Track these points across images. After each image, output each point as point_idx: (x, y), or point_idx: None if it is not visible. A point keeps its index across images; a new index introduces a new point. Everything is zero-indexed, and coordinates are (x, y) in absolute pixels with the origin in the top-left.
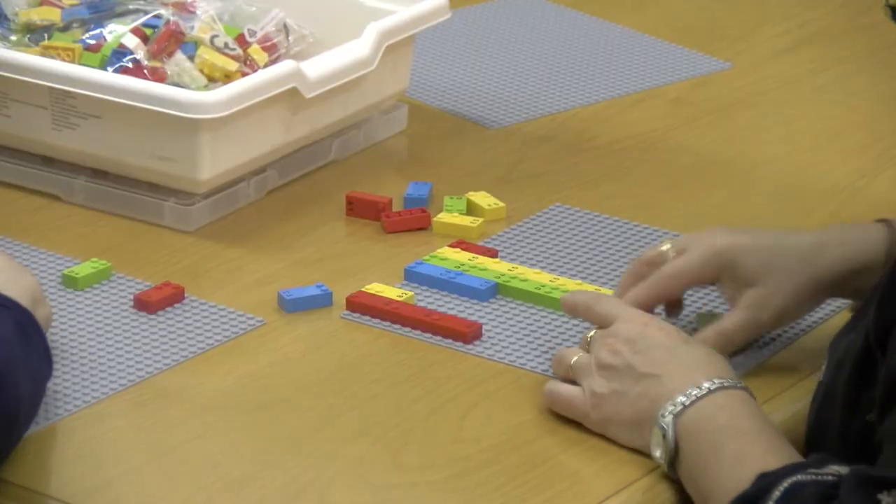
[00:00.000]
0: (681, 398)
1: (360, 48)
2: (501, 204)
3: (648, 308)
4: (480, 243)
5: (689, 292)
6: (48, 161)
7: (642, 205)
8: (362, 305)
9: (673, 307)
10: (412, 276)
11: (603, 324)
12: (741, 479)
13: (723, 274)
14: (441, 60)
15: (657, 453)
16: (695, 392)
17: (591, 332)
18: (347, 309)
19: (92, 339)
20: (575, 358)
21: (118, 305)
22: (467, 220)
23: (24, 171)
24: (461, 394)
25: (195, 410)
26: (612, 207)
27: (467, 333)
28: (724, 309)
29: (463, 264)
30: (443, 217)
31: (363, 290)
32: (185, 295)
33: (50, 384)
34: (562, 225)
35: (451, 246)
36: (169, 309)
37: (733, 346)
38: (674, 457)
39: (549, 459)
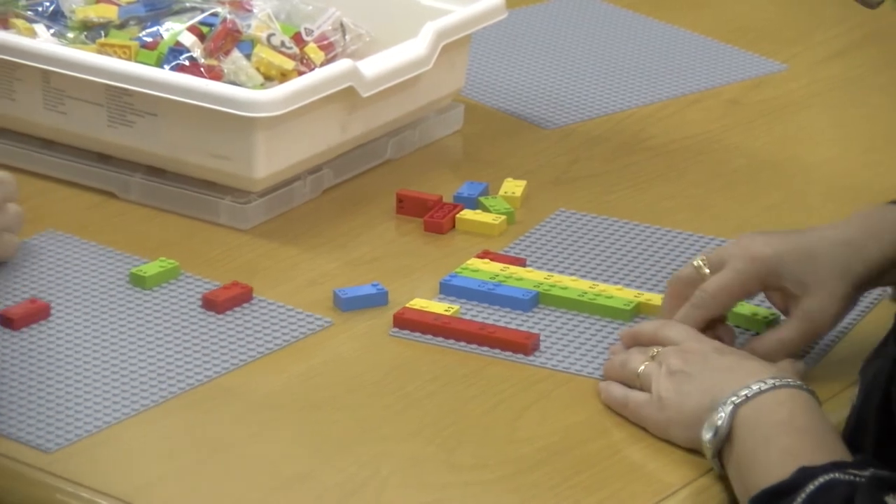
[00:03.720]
0: (744, 390)
1: (416, 47)
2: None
3: (698, 328)
4: (502, 251)
5: None
6: (104, 158)
7: (696, 206)
8: (411, 322)
9: (718, 321)
10: (449, 290)
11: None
12: (786, 472)
13: (767, 285)
14: (497, 60)
15: (707, 437)
16: (758, 386)
17: (657, 349)
18: (395, 326)
19: (158, 338)
20: (643, 367)
21: (185, 305)
22: (489, 218)
23: (80, 168)
24: (516, 394)
25: (250, 409)
26: (667, 208)
27: (527, 345)
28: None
29: (497, 275)
30: (465, 214)
31: (407, 306)
32: (254, 295)
33: (107, 384)
34: (573, 230)
35: (479, 256)
36: (237, 309)
37: (792, 355)
38: (723, 445)
39: (603, 460)
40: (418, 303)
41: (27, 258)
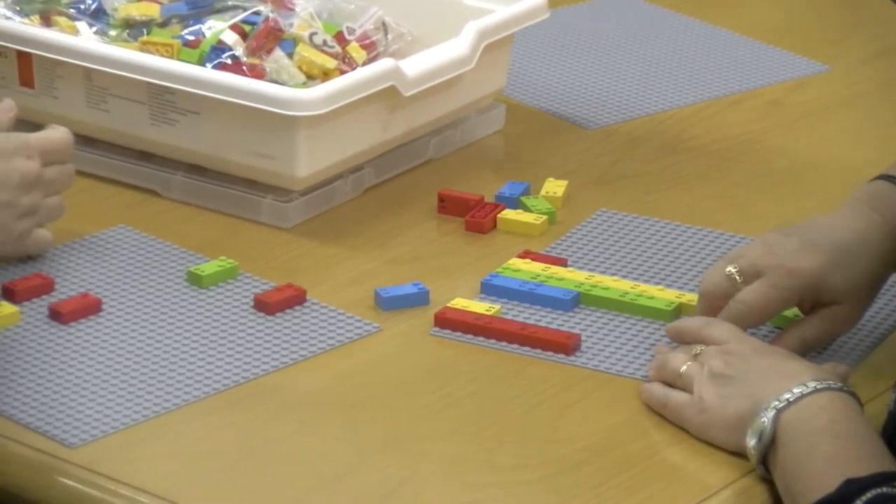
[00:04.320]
0: (786, 395)
1: (458, 47)
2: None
3: None
4: (543, 251)
5: None
6: (146, 156)
7: (738, 206)
8: (452, 321)
9: None
10: (490, 290)
11: (714, 345)
12: (829, 482)
13: (804, 298)
14: (539, 60)
15: (752, 443)
16: (799, 390)
17: (699, 347)
18: (436, 325)
19: (204, 336)
20: (685, 367)
21: (238, 305)
22: (531, 218)
23: (122, 166)
24: (557, 394)
25: (290, 407)
26: (708, 209)
27: (568, 345)
28: None
29: (538, 275)
30: (507, 214)
31: (448, 305)
32: (307, 298)
33: (151, 378)
34: (615, 231)
35: (520, 256)
36: (288, 311)
37: (809, 352)
38: (767, 450)
39: (644, 461)
40: (459, 302)
41: (88, 253)
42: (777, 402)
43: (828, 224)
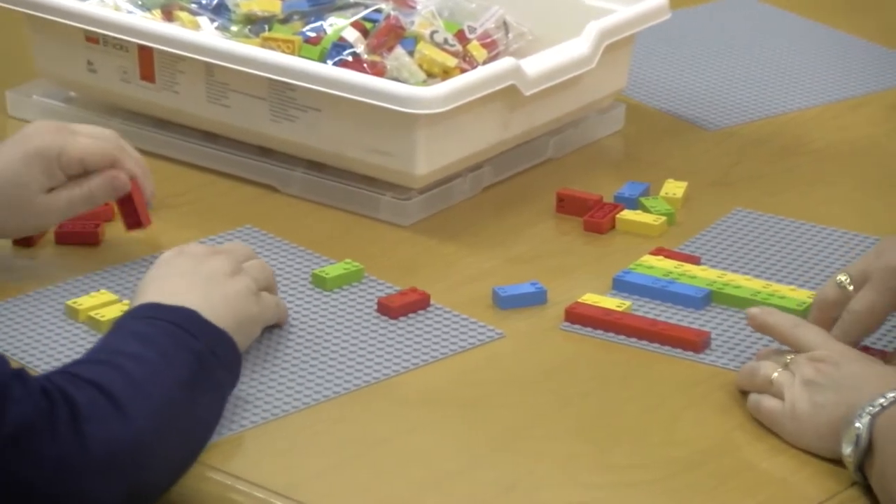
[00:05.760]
0: (880, 399)
1: (579, 47)
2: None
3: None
4: (677, 249)
5: None
6: (265, 152)
7: (857, 210)
8: (583, 316)
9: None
10: (622, 286)
11: (801, 349)
12: None
13: None
14: (659, 61)
15: (848, 450)
16: (893, 395)
17: (790, 356)
18: (567, 320)
19: (326, 339)
20: (776, 374)
21: (361, 308)
22: (649, 219)
23: (242, 162)
24: (674, 395)
25: (407, 405)
26: (827, 212)
27: (698, 342)
28: None
29: (670, 272)
30: (626, 214)
31: (579, 301)
32: (431, 302)
33: (272, 380)
34: (749, 230)
35: (653, 253)
36: (412, 315)
37: None
38: (864, 456)
39: (759, 464)
40: (590, 298)
41: None
42: (871, 408)
43: None
